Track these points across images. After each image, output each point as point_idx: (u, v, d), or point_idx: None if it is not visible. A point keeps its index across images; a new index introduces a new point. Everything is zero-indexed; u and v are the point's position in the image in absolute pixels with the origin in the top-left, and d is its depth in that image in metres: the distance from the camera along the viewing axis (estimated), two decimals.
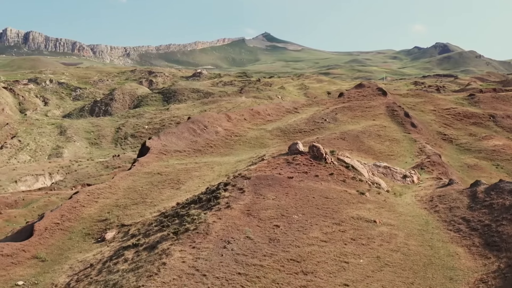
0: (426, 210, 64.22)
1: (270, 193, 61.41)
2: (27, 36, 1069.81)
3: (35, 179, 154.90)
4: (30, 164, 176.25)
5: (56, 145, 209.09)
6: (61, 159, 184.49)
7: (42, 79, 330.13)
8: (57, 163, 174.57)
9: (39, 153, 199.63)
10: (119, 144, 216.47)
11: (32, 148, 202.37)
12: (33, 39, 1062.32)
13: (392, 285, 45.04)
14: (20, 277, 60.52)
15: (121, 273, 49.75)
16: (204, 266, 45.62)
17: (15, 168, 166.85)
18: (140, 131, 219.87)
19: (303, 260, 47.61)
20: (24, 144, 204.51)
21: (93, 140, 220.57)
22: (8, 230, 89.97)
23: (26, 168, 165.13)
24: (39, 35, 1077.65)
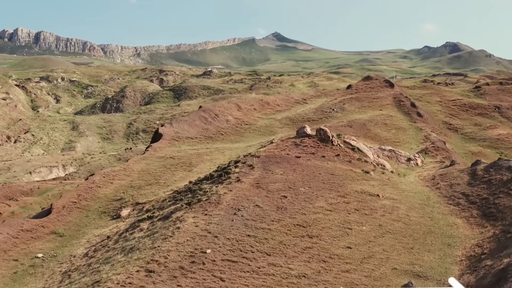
0: (428, 188, 66.93)
1: (278, 169, 64.29)
2: (38, 36, 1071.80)
3: (49, 170, 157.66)
4: (44, 157, 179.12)
5: (69, 139, 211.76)
6: (74, 152, 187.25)
7: (54, 77, 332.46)
8: (70, 155, 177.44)
9: (52, 147, 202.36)
10: (131, 139, 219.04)
11: (45, 142, 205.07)
12: (44, 39, 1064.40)
13: (393, 249, 47.87)
14: (40, 250, 63.57)
15: (137, 239, 52.78)
16: (215, 229, 48.79)
17: (29, 160, 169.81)
18: (152, 126, 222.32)
19: (308, 225, 50.63)
20: (38, 138, 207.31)
21: (105, 135, 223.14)
22: (24, 216, 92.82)
23: (40, 160, 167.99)
24: (50, 35, 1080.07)
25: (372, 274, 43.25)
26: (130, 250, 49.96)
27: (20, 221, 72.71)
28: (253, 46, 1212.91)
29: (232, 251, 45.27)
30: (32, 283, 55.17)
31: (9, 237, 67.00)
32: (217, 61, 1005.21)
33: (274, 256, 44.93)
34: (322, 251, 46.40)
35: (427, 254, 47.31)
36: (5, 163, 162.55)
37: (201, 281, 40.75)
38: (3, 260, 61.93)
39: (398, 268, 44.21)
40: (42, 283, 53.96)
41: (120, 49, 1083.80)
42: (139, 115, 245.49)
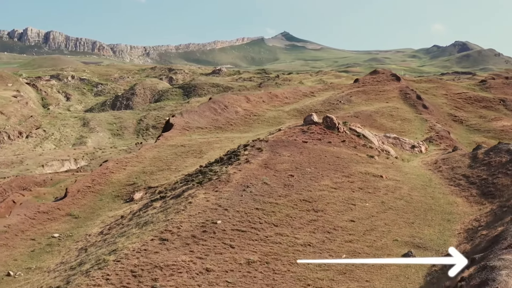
0: (430, 171, 69.28)
1: (286, 151, 66.81)
2: (48, 35, 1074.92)
3: (61, 164, 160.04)
4: (55, 151, 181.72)
5: (80, 135, 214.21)
6: (85, 147, 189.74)
7: (64, 76, 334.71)
8: (81, 150, 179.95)
9: (63, 142, 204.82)
10: (141, 135, 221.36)
11: (57, 138, 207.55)
12: (54, 39, 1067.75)
13: (394, 223, 50.35)
14: (56, 231, 66.23)
15: (151, 215, 55.42)
16: (225, 203, 51.52)
17: (41, 153, 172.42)
18: (161, 122, 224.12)
19: (314, 201, 53.19)
20: (49, 133, 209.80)
21: (115, 131, 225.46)
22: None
23: (52, 154, 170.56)
24: (59, 35, 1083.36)
25: (374, 244, 45.74)
26: (144, 224, 52.60)
27: (36, 203, 75.48)
28: (262, 45, 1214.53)
29: (241, 222, 47.95)
30: (49, 260, 57.68)
31: (27, 218, 69.75)
32: (226, 60, 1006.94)
33: (281, 227, 47.58)
34: (326, 223, 48.96)
35: (427, 228, 49.68)
36: (17, 157, 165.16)
37: (212, 248, 43.45)
38: (21, 239, 64.64)
39: (399, 240, 46.66)
40: (59, 259, 56.46)
41: (129, 49, 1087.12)
42: (149, 111, 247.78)
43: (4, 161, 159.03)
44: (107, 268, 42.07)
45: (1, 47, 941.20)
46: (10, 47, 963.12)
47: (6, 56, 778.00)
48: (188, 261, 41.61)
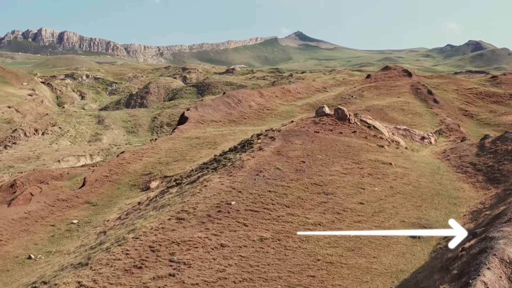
0: (439, 159, 71.10)
1: (298, 140, 68.77)
2: (62, 36, 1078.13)
3: (77, 159, 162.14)
4: (71, 147, 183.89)
5: (95, 132, 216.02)
6: (100, 143, 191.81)
7: (79, 75, 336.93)
8: (97, 146, 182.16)
9: (79, 139, 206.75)
10: (155, 132, 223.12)
11: (72, 135, 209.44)
12: (68, 39, 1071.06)
13: (402, 206, 52.28)
14: (75, 217, 68.45)
15: (167, 199, 57.59)
16: (239, 186, 53.70)
17: (57, 149, 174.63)
18: (176, 120, 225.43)
19: (324, 184, 55.24)
20: (65, 130, 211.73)
21: (130, 129, 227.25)
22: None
23: (68, 150, 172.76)
24: (73, 35, 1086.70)
25: (381, 225, 47.72)
26: (161, 207, 54.79)
27: (56, 191, 77.77)
28: (276, 45, 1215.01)
29: (255, 203, 50.08)
30: (69, 244, 59.85)
31: (46, 205, 71.98)
32: (240, 60, 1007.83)
33: (293, 208, 49.67)
34: (336, 205, 50.98)
35: (434, 211, 51.56)
36: (34, 152, 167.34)
37: (227, 226, 45.59)
38: (41, 225, 66.87)
39: (406, 221, 48.61)
40: (79, 243, 58.60)
41: (143, 49, 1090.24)
42: (163, 109, 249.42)
43: (21, 156, 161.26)
44: (127, 244, 44.25)
45: (16, 47, 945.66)
46: (25, 47, 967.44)
47: (21, 56, 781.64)
48: (203, 237, 43.78)
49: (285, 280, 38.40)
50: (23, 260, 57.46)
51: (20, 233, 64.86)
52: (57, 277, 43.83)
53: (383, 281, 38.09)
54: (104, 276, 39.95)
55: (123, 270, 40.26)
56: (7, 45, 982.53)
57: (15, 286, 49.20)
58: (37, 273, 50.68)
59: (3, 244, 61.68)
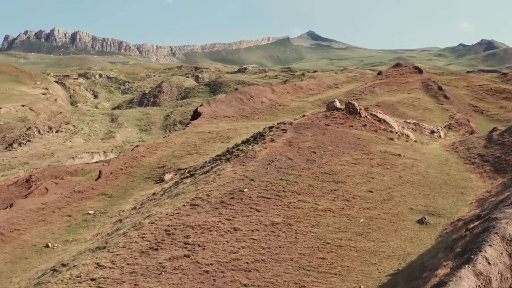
0: (448, 152, 72.35)
1: (309, 132, 70.12)
2: (74, 36, 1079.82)
3: (91, 156, 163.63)
4: (85, 144, 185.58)
5: (108, 130, 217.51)
6: (114, 140, 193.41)
7: (92, 74, 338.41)
8: (110, 143, 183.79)
9: (93, 137, 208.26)
10: (168, 130, 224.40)
11: (86, 132, 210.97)
12: (80, 39, 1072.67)
13: (410, 194, 53.70)
14: (91, 208, 70.12)
15: (181, 188, 59.23)
16: (252, 174, 55.31)
17: (71, 146, 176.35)
18: (188, 118, 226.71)
19: (334, 173, 56.75)
20: (78, 128, 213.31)
21: (143, 127, 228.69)
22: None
23: (82, 147, 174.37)
24: (86, 35, 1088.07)
25: (390, 211, 49.18)
26: (175, 195, 56.44)
27: (72, 183, 79.46)
28: (288, 45, 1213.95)
29: (267, 190, 51.68)
30: (85, 233, 61.49)
31: (63, 196, 73.70)
32: (252, 60, 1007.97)
33: (303, 195, 51.23)
34: (346, 193, 52.49)
35: (441, 199, 52.95)
36: (48, 149, 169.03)
37: (239, 211, 47.18)
38: (58, 215, 68.56)
39: (414, 208, 50.06)
40: (95, 231, 60.23)
41: (155, 49, 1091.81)
42: (176, 108, 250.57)
43: (36, 153, 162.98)
44: (143, 229, 45.89)
45: (29, 48, 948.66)
46: (38, 48, 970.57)
47: (34, 56, 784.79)
48: (217, 221, 45.39)
49: (296, 262, 39.94)
50: (40, 248, 59.12)
51: (38, 223, 66.57)
52: (75, 260, 45.48)
53: (391, 263, 39.51)
54: (122, 257, 41.57)
55: (140, 252, 41.89)
56: (20, 45, 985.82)
57: (33, 272, 50.71)
58: (55, 260, 52.24)
59: (21, 233, 63.39)
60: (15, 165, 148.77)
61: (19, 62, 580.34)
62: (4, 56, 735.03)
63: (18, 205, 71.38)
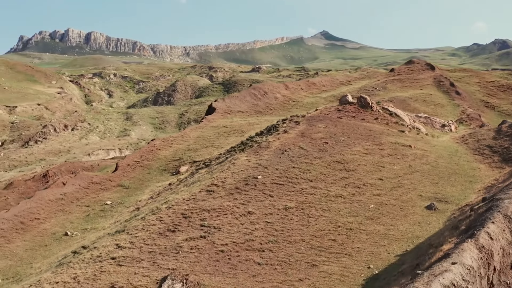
0: (457, 144, 73.68)
1: (321, 124, 71.67)
2: (89, 36, 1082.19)
3: (107, 153, 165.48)
4: (101, 141, 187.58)
5: (123, 128, 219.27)
6: (129, 138, 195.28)
7: (106, 74, 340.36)
8: (126, 140, 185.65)
9: (108, 134, 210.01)
10: (183, 128, 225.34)
11: (101, 130, 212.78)
12: (95, 39, 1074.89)
13: (420, 182, 55.19)
14: (108, 199, 71.95)
15: (197, 177, 60.95)
16: (265, 163, 57.05)
17: (87, 143, 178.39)
18: (202, 116, 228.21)
19: (346, 162, 58.34)
20: (94, 126, 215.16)
21: (157, 125, 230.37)
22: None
23: (97, 144, 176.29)
24: (100, 35, 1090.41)
25: (399, 198, 50.73)
26: (191, 183, 58.29)
27: (90, 175, 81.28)
28: (301, 45, 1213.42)
29: (280, 177, 53.41)
30: (103, 222, 63.34)
31: (81, 187, 75.57)
32: (266, 60, 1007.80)
33: (315, 182, 52.89)
34: (357, 180, 54.09)
35: (450, 187, 54.41)
36: (64, 146, 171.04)
37: (253, 197, 48.91)
38: (76, 206, 70.47)
39: (423, 195, 51.57)
40: (113, 220, 62.02)
41: (169, 49, 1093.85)
42: (190, 106, 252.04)
43: (52, 150, 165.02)
44: (160, 213, 47.68)
45: (43, 48, 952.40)
46: (52, 48, 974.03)
47: (48, 57, 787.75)
48: (232, 206, 47.15)
49: (308, 243, 41.57)
50: (60, 237, 61.02)
51: (57, 212, 68.48)
52: (95, 243, 47.30)
53: (399, 245, 41.07)
54: (140, 239, 43.35)
55: (158, 234, 43.67)
56: (34, 45, 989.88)
57: (53, 257, 52.47)
58: (74, 246, 54.03)
59: (41, 222, 65.34)
60: (32, 162, 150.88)
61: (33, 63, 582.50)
62: (19, 56, 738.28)
63: (38, 196, 73.34)
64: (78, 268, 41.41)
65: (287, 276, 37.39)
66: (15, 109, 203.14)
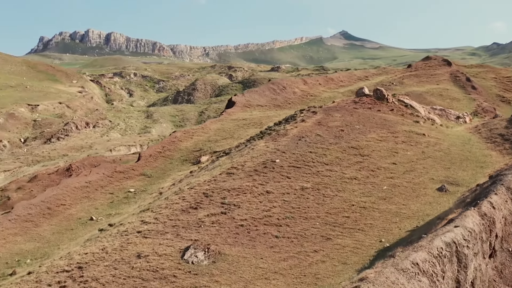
0: (471, 133, 75.63)
1: (338, 114, 73.84)
2: (109, 37, 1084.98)
3: (128, 149, 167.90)
4: (122, 137, 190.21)
5: (144, 125, 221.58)
6: (150, 135, 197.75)
7: (127, 73, 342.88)
8: (147, 137, 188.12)
9: (129, 132, 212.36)
10: None
11: (122, 128, 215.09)
12: (115, 40, 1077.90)
13: (432, 167, 57.26)
14: (131, 187, 74.42)
15: (217, 164, 63.29)
16: (283, 148, 59.46)
17: (109, 140, 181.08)
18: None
19: (361, 148, 60.52)
20: (115, 124, 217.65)
21: (177, 123, 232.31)
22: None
23: (119, 140, 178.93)
24: (120, 36, 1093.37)
25: (412, 181, 52.87)
26: (212, 168, 60.58)
27: (113, 164, 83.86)
28: (321, 45, 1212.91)
29: (297, 161, 55.75)
30: (127, 208, 65.75)
31: (105, 176, 78.16)
32: (285, 60, 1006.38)
33: (331, 165, 55.16)
34: (371, 164, 56.28)
35: (461, 172, 56.45)
36: (86, 142, 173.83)
37: (271, 178, 51.27)
38: (101, 193, 73.04)
39: (435, 179, 53.66)
40: (137, 206, 64.44)
41: (189, 49, 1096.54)
42: (210, 105, 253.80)
43: (74, 146, 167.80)
44: (183, 193, 50.22)
45: (63, 49, 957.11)
46: (72, 49, 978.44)
47: (68, 57, 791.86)
48: (251, 186, 49.57)
49: (323, 219, 43.86)
50: (85, 221, 63.63)
51: (82, 199, 71.11)
52: (121, 221, 49.77)
53: (410, 222, 43.23)
54: (164, 215, 45.84)
55: (181, 210, 46.12)
56: (55, 46, 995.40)
57: (80, 240, 54.92)
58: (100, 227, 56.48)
59: (66, 208, 67.98)
60: (55, 157, 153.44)
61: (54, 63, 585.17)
62: (40, 57, 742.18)
63: (64, 183, 76.07)
64: (106, 241, 43.92)
65: (302, 247, 39.66)
66: (37, 108, 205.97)
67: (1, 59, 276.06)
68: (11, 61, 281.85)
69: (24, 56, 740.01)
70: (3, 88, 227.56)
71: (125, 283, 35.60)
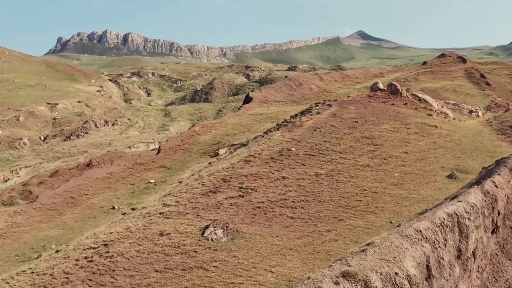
0: (482, 126, 77.47)
1: (352, 106, 75.89)
2: (126, 37, 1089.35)
3: (147, 146, 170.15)
4: (141, 135, 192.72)
5: (162, 123, 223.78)
6: (168, 132, 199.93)
7: (144, 73, 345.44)
8: (165, 134, 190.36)
9: (147, 129, 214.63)
10: None
11: (141, 126, 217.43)
12: (132, 40, 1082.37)
13: (443, 156, 59.24)
14: (152, 178, 76.71)
15: (235, 153, 65.47)
16: (298, 137, 61.63)
17: (128, 137, 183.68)
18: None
19: (374, 138, 62.61)
20: (133, 122, 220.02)
21: (195, 121, 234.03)
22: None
23: (138, 137, 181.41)
24: (137, 37, 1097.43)
25: (423, 168, 54.89)
26: (230, 157, 62.79)
27: (134, 156, 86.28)
28: (338, 44, 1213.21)
29: (311, 149, 57.98)
30: (147, 197, 67.99)
31: (126, 168, 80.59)
32: (302, 59, 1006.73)
33: (345, 154, 57.31)
34: (383, 153, 58.37)
35: (471, 161, 58.39)
36: (105, 140, 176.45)
37: (287, 165, 53.50)
38: (122, 184, 75.45)
39: (445, 167, 55.64)
40: (157, 196, 66.71)
41: (206, 50, 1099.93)
42: (227, 103, 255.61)
43: (94, 143, 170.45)
44: (202, 179, 52.52)
45: (81, 49, 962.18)
46: (90, 49, 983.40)
47: (86, 58, 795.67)
48: (267, 172, 51.82)
49: (336, 202, 45.99)
50: (107, 210, 66.02)
51: (104, 189, 73.56)
52: (143, 205, 52.09)
53: (420, 206, 45.20)
54: (185, 198, 48.14)
55: (201, 194, 48.43)
56: (73, 47, 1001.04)
57: (103, 227, 57.20)
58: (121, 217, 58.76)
59: (89, 197, 70.46)
60: (75, 153, 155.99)
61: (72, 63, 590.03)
62: (58, 57, 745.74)
63: (86, 174, 78.60)
64: (130, 222, 46.33)
65: (316, 227, 41.79)
66: (56, 106, 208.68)
67: (20, 59, 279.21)
68: (30, 61, 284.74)
69: (43, 56, 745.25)
70: (22, 87, 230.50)
71: (149, 258, 37.88)
